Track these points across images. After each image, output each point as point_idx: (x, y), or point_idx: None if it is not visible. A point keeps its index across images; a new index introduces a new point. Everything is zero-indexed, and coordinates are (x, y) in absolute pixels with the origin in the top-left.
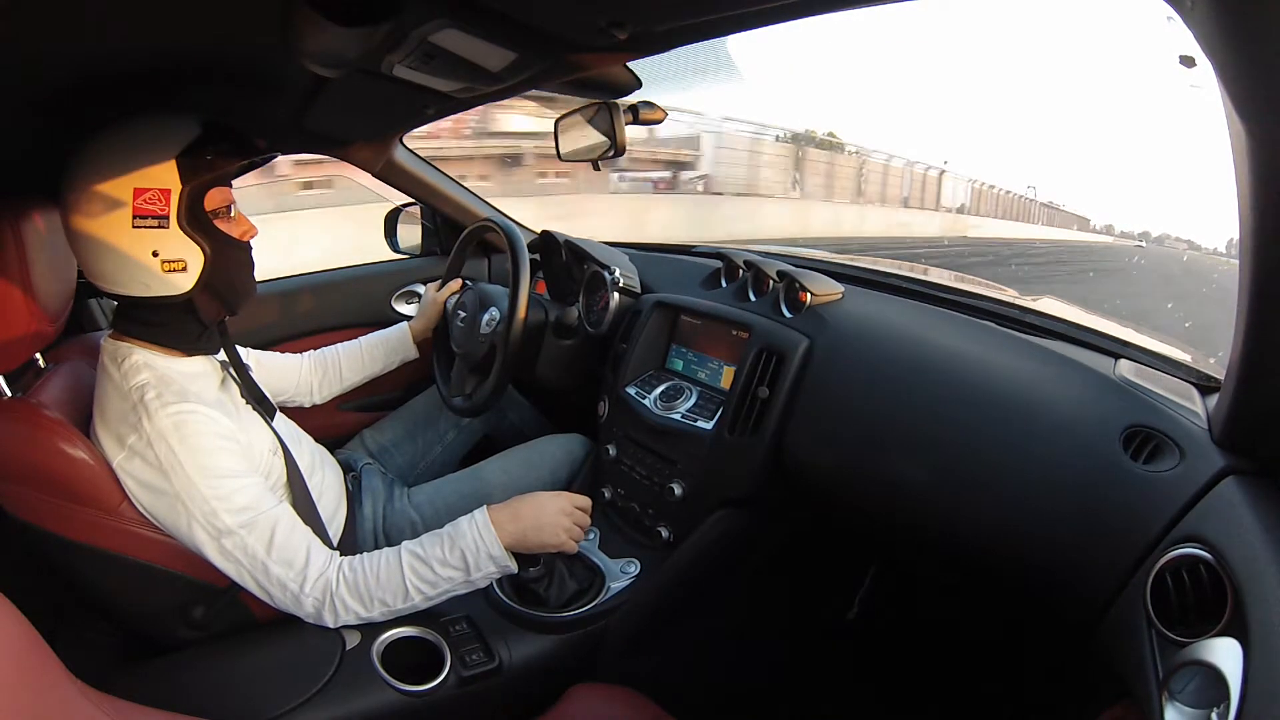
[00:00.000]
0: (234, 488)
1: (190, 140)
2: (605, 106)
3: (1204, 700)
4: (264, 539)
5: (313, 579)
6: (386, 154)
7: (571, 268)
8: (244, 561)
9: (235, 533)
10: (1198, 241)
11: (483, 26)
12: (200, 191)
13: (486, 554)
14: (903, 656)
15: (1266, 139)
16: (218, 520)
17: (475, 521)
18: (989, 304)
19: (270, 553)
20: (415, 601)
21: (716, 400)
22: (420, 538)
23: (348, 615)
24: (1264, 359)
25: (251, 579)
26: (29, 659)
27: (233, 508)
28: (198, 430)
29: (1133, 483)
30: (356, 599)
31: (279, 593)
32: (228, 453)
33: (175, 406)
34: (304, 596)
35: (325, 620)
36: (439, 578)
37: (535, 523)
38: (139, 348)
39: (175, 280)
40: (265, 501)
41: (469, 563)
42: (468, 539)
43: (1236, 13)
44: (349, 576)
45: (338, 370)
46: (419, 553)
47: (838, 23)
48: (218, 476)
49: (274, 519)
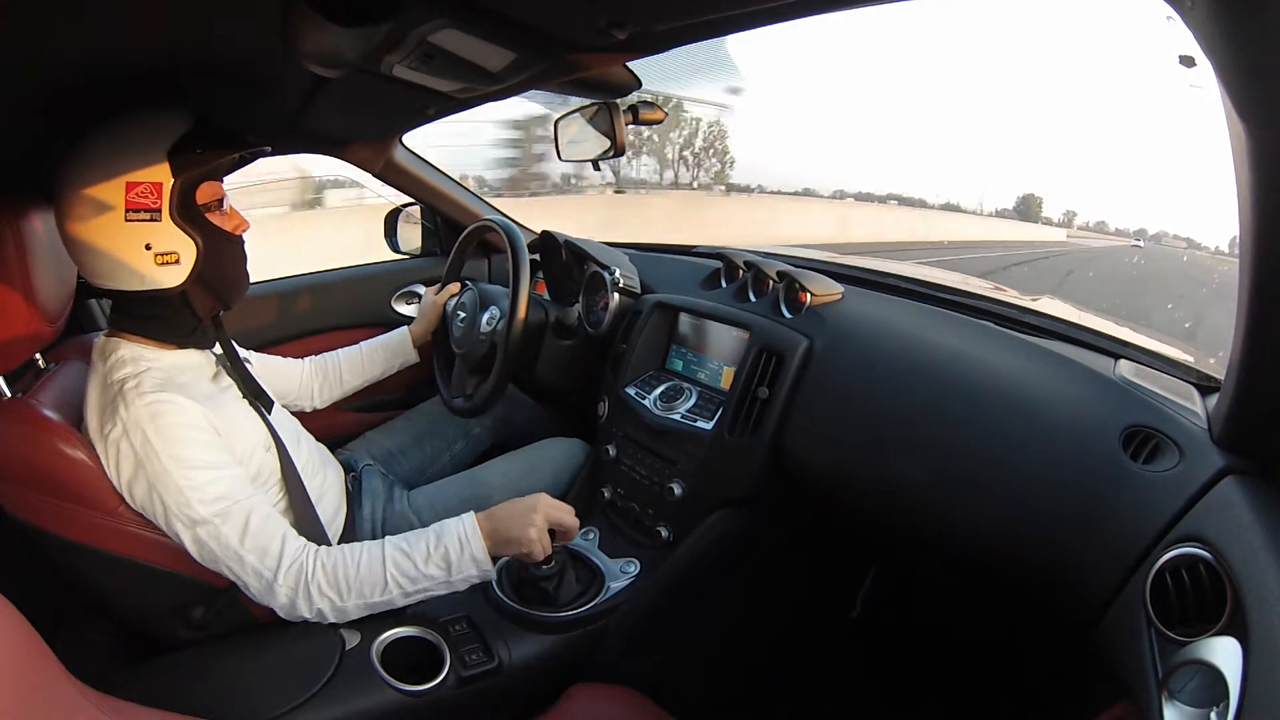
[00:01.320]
0: (208, 478)
1: (181, 135)
2: (605, 106)
3: (1203, 699)
4: (238, 528)
5: (285, 567)
6: (386, 154)
7: (571, 268)
8: (218, 551)
9: (209, 522)
10: (1197, 239)
11: (482, 26)
12: (192, 185)
13: (470, 556)
14: (903, 656)
15: (1266, 139)
16: (190, 510)
17: (463, 523)
18: (988, 304)
19: (244, 542)
20: (393, 596)
21: (716, 400)
22: (405, 534)
23: (322, 602)
24: (1264, 359)
25: (227, 569)
26: (29, 659)
27: (206, 498)
28: (173, 420)
29: (1132, 482)
30: (333, 588)
31: (254, 582)
32: (204, 444)
33: (152, 396)
34: (277, 585)
35: (299, 609)
36: (420, 574)
37: (505, 522)
38: (130, 342)
39: (169, 273)
40: (241, 492)
41: (451, 563)
42: (453, 538)
43: (1236, 13)
44: (327, 564)
45: (338, 374)
46: (403, 547)
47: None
48: (191, 467)
49: (248, 509)
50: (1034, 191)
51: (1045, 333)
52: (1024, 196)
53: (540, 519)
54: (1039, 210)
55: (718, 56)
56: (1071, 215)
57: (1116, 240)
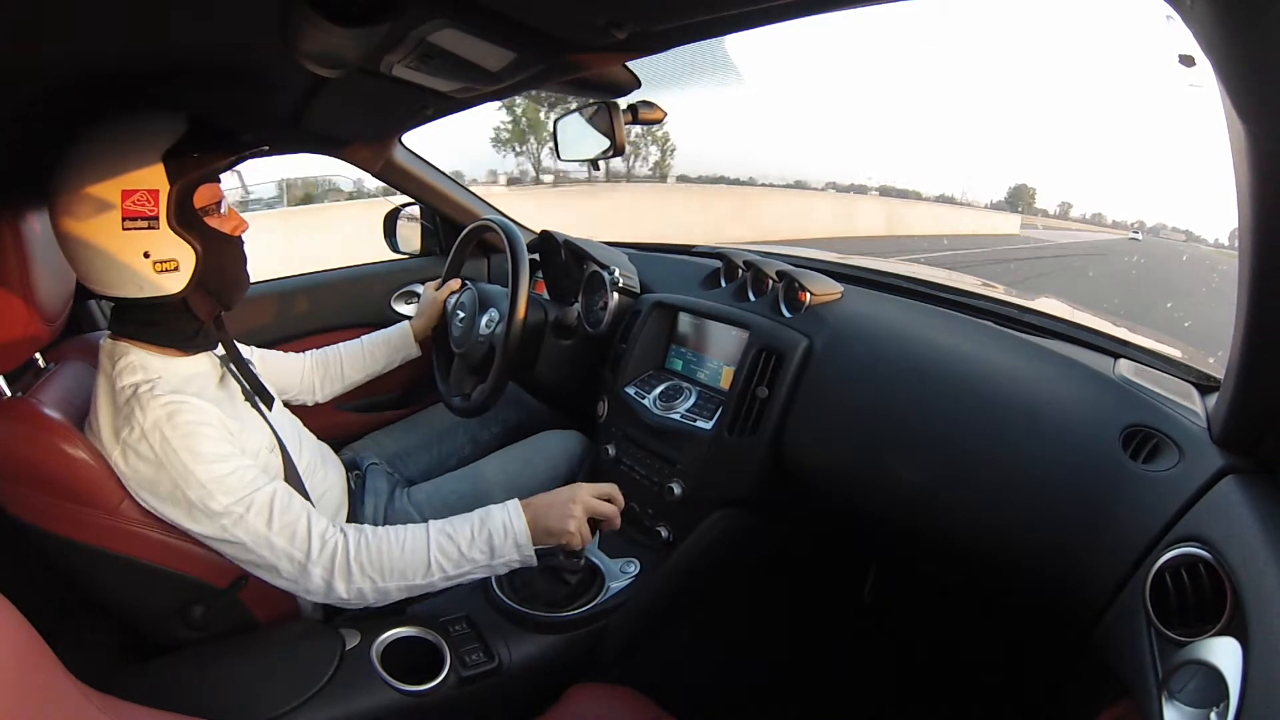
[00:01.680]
0: (229, 470)
1: (176, 139)
2: (604, 106)
3: (1203, 699)
4: (264, 514)
5: (318, 547)
6: (385, 154)
7: (571, 268)
8: (247, 541)
9: (233, 512)
10: (1196, 232)
11: (481, 26)
12: (189, 190)
13: (513, 542)
14: (903, 656)
15: (1266, 139)
16: (215, 503)
17: (507, 509)
18: (988, 303)
19: (272, 526)
20: (434, 579)
21: (716, 400)
22: (449, 518)
23: (364, 582)
24: (1263, 358)
25: (257, 558)
26: (29, 659)
27: (229, 489)
28: (188, 419)
29: (1132, 482)
30: (376, 569)
31: (286, 565)
32: (221, 440)
33: (168, 397)
34: (311, 566)
35: (337, 589)
36: (463, 557)
37: (544, 511)
38: (136, 348)
39: (168, 280)
40: (260, 480)
41: (494, 546)
42: (497, 523)
43: (1236, 12)
44: (371, 544)
45: (339, 368)
46: (448, 530)
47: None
48: (212, 461)
49: (270, 493)
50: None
51: (1045, 332)
52: (966, 181)
53: (579, 509)
54: (1031, 202)
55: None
56: (1031, 193)
57: (1082, 233)
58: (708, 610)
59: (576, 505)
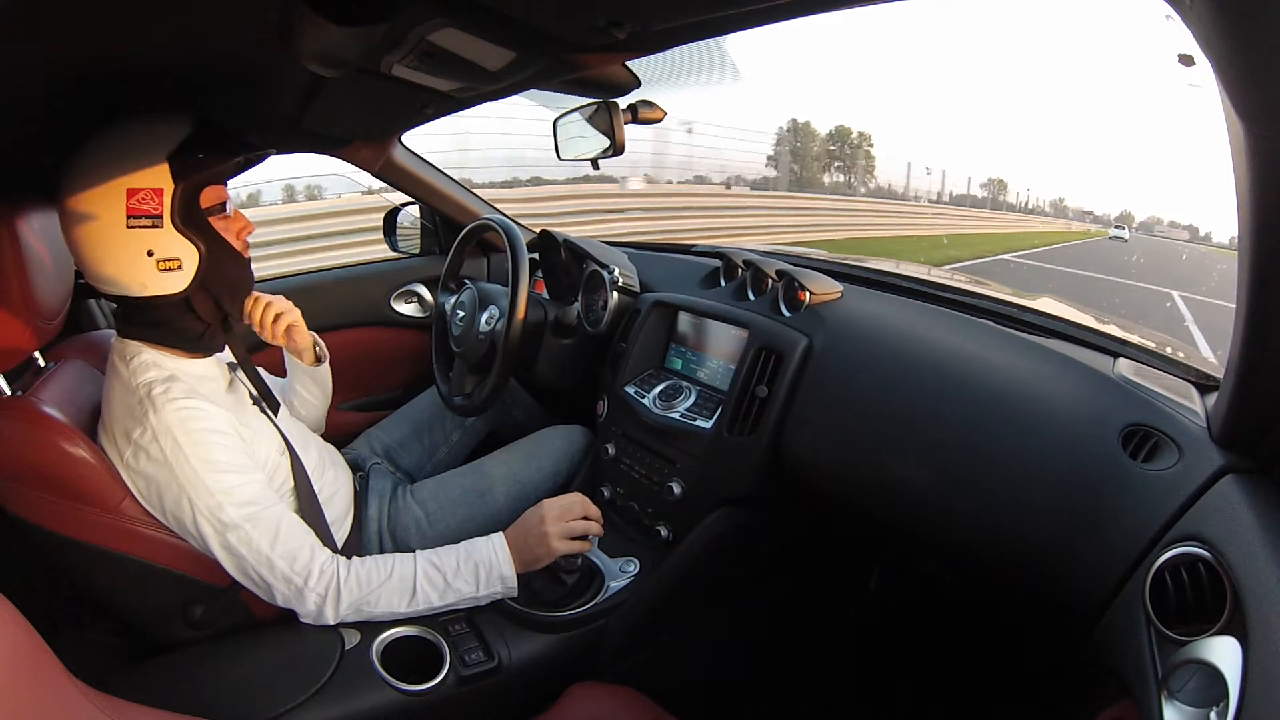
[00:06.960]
0: (238, 482)
1: (182, 139)
2: (604, 106)
3: (1203, 699)
4: (268, 533)
5: (316, 574)
6: (385, 153)
7: (570, 267)
8: (247, 556)
9: (240, 526)
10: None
11: (481, 26)
12: (194, 190)
13: (499, 574)
14: (903, 656)
15: (1266, 139)
16: (222, 514)
17: (492, 542)
18: (988, 303)
19: (274, 547)
20: (419, 607)
21: (715, 399)
22: (435, 549)
23: (348, 611)
24: (1263, 358)
25: (255, 573)
26: (29, 659)
27: (237, 501)
28: (203, 425)
29: (1131, 481)
30: (364, 597)
31: (282, 587)
32: (233, 449)
33: (182, 402)
34: (307, 591)
35: (325, 616)
36: (449, 588)
37: (523, 542)
38: (147, 347)
39: (171, 279)
40: (269, 497)
41: (480, 578)
42: (482, 555)
43: (1236, 12)
44: (360, 573)
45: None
46: (435, 560)
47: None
48: (222, 471)
49: (278, 515)
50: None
51: (1045, 331)
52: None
53: (554, 530)
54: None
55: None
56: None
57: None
58: (707, 609)
59: (548, 526)
